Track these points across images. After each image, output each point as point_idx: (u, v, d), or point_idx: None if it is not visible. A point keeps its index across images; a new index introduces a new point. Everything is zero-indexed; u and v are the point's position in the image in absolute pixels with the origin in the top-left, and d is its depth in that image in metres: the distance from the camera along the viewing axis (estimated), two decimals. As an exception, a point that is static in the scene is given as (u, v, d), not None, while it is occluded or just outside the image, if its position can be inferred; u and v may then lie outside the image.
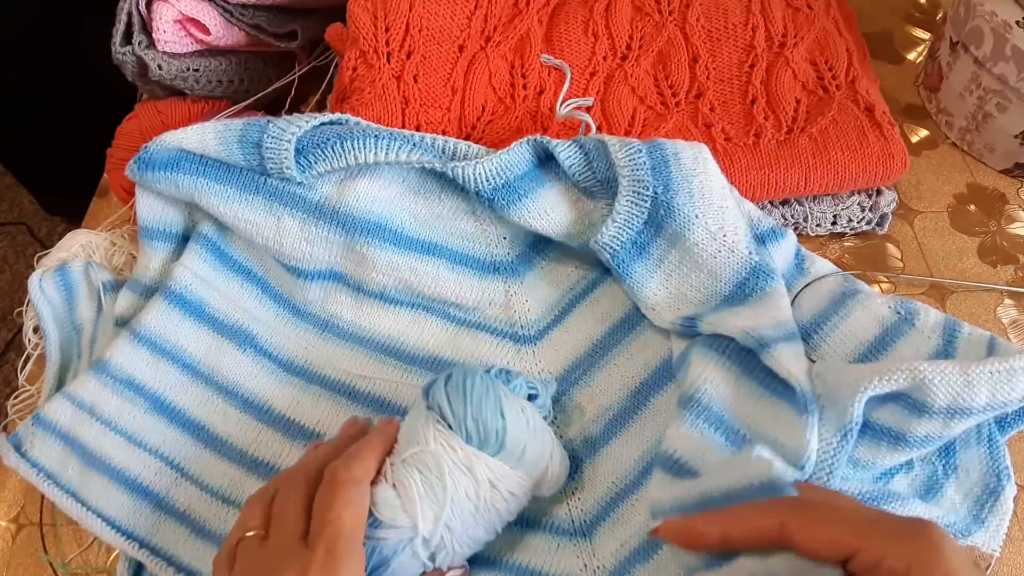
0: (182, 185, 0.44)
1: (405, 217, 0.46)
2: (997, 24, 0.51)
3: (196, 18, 0.52)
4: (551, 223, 0.44)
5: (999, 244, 0.53)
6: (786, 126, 0.52)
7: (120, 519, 0.40)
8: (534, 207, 0.43)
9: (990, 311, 0.50)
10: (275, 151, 0.42)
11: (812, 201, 0.52)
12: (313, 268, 0.46)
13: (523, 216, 0.43)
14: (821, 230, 0.53)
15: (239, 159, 0.43)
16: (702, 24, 0.55)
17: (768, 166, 0.50)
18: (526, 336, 0.46)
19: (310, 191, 0.44)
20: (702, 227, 0.41)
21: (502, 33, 0.54)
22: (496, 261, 0.47)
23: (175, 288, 0.45)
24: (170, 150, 0.44)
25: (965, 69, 0.55)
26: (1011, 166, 0.56)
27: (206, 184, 0.44)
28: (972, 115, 0.56)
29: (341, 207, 0.44)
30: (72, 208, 0.86)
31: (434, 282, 0.46)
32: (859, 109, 0.52)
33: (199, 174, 0.44)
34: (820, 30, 0.55)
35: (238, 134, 0.43)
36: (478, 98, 0.52)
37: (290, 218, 0.44)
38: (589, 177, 0.43)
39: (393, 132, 0.43)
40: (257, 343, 0.46)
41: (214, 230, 0.47)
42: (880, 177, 0.51)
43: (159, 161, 0.44)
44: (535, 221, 0.43)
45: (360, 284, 0.46)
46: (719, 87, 0.54)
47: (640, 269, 0.43)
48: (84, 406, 0.42)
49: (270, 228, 0.44)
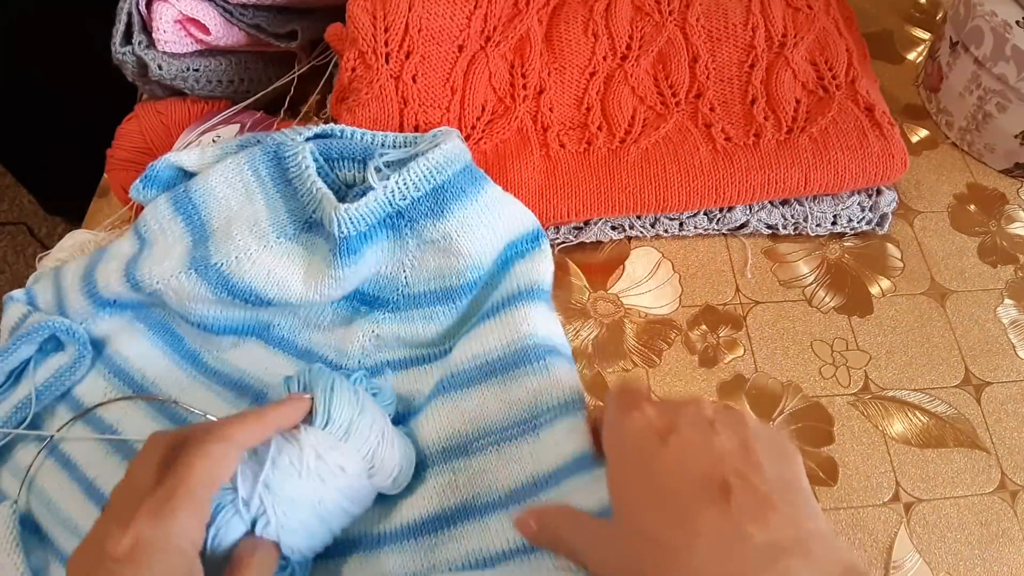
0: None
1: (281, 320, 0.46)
2: (997, 24, 0.51)
3: (196, 18, 0.52)
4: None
5: (999, 244, 0.53)
6: (786, 126, 0.52)
7: None
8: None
9: (990, 311, 0.50)
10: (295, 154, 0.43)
11: (812, 201, 0.52)
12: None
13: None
14: (821, 230, 0.53)
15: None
16: (702, 24, 0.55)
17: (768, 166, 0.50)
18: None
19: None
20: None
21: (502, 33, 0.54)
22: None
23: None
24: (172, 168, 0.44)
25: (965, 69, 0.55)
26: (1011, 166, 0.56)
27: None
28: (972, 115, 0.56)
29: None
30: (72, 208, 0.86)
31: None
32: (859, 109, 0.52)
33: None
34: (820, 30, 0.55)
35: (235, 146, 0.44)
36: (478, 98, 0.52)
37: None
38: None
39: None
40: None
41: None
42: (880, 177, 0.51)
43: (163, 179, 0.44)
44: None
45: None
46: (719, 87, 0.54)
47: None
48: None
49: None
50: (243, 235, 0.43)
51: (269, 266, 0.42)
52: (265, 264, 0.42)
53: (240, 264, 0.42)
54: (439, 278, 0.44)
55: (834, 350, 0.48)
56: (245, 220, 0.43)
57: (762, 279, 0.51)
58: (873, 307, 0.50)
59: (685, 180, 0.50)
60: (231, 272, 0.42)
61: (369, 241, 0.42)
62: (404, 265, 0.44)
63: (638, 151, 0.51)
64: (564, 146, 0.52)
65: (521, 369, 0.41)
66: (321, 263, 0.42)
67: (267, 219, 0.43)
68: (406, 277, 0.45)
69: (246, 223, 0.43)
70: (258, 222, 0.43)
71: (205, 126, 0.53)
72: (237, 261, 0.42)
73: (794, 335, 0.49)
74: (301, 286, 0.42)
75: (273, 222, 0.43)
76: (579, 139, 0.52)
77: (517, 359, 0.41)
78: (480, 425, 0.41)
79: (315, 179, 0.42)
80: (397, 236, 0.43)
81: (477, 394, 0.42)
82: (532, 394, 0.40)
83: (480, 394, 0.41)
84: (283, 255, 0.43)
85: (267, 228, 0.43)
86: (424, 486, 0.40)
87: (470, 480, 0.40)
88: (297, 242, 0.43)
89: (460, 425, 0.41)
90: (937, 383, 0.47)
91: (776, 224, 0.52)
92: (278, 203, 0.44)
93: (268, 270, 0.42)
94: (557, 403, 0.40)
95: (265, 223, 0.43)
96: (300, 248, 0.43)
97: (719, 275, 0.51)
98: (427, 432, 0.41)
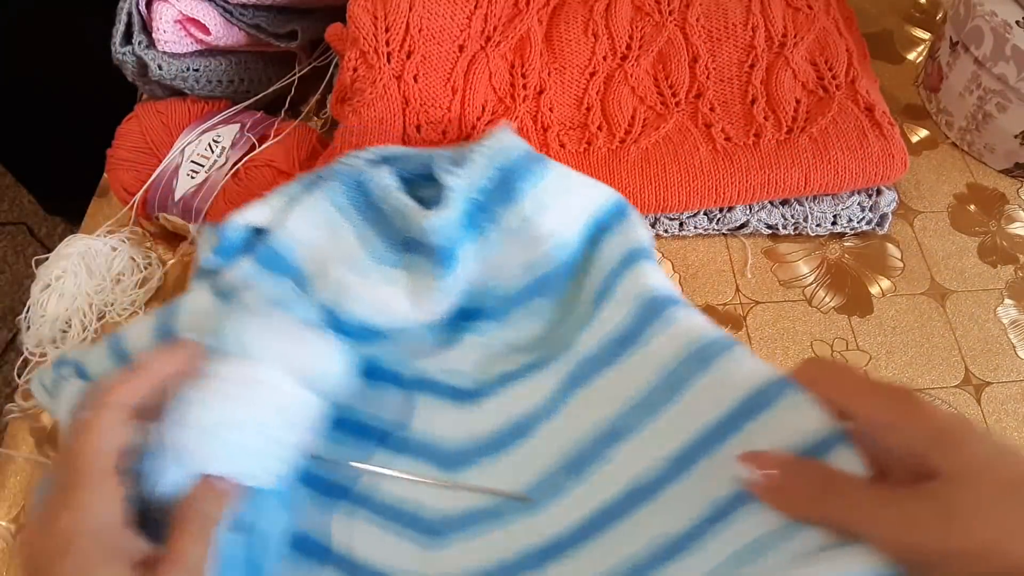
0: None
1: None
2: (997, 24, 0.51)
3: (196, 18, 0.52)
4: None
5: (999, 244, 0.53)
6: (786, 126, 0.52)
7: None
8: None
9: (990, 311, 0.50)
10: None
11: (812, 201, 0.52)
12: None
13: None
14: (821, 230, 0.53)
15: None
16: (702, 24, 0.55)
17: (768, 166, 0.50)
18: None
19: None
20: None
21: (502, 33, 0.54)
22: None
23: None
24: (242, 230, 0.43)
25: (965, 69, 0.55)
26: (1011, 166, 0.56)
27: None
28: (972, 115, 0.56)
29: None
30: (72, 208, 0.86)
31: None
32: (859, 109, 0.52)
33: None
34: (820, 30, 0.55)
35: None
36: (478, 98, 0.52)
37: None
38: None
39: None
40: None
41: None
42: (880, 177, 0.51)
43: (237, 244, 0.43)
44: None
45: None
46: (719, 87, 0.54)
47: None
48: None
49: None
50: (340, 271, 0.41)
51: (373, 295, 0.41)
52: (368, 294, 0.41)
53: (344, 300, 0.41)
54: (529, 270, 0.42)
55: (834, 350, 0.48)
56: (339, 256, 0.42)
57: (762, 279, 0.51)
58: (873, 307, 0.50)
59: (685, 180, 0.50)
60: (338, 310, 0.41)
61: (460, 244, 0.41)
62: (493, 266, 0.43)
63: (638, 151, 0.51)
64: (564, 146, 0.52)
65: (653, 327, 0.38)
66: (422, 279, 0.41)
67: (360, 249, 0.42)
68: (498, 280, 0.43)
69: (340, 259, 0.42)
70: (352, 254, 0.42)
71: (205, 126, 0.53)
72: (340, 297, 0.41)
73: (794, 335, 0.49)
74: (408, 306, 0.41)
75: (367, 251, 0.42)
76: (579, 139, 0.53)
77: (645, 320, 0.38)
78: (631, 401, 0.37)
79: (400, 196, 0.41)
80: (481, 233, 0.42)
81: (616, 372, 0.38)
82: (675, 349, 0.36)
83: (620, 370, 0.38)
84: (383, 281, 0.41)
85: (362, 258, 0.42)
86: (582, 485, 0.37)
87: (627, 462, 0.36)
88: (394, 265, 0.42)
89: (608, 410, 0.38)
90: (937, 383, 0.47)
91: (776, 224, 0.52)
92: (367, 231, 0.42)
93: (372, 299, 0.41)
94: (699, 346, 0.36)
95: (359, 254, 0.42)
96: (398, 270, 0.42)
97: (719, 275, 0.51)
98: (571, 430, 0.39)
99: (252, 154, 0.51)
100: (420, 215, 0.40)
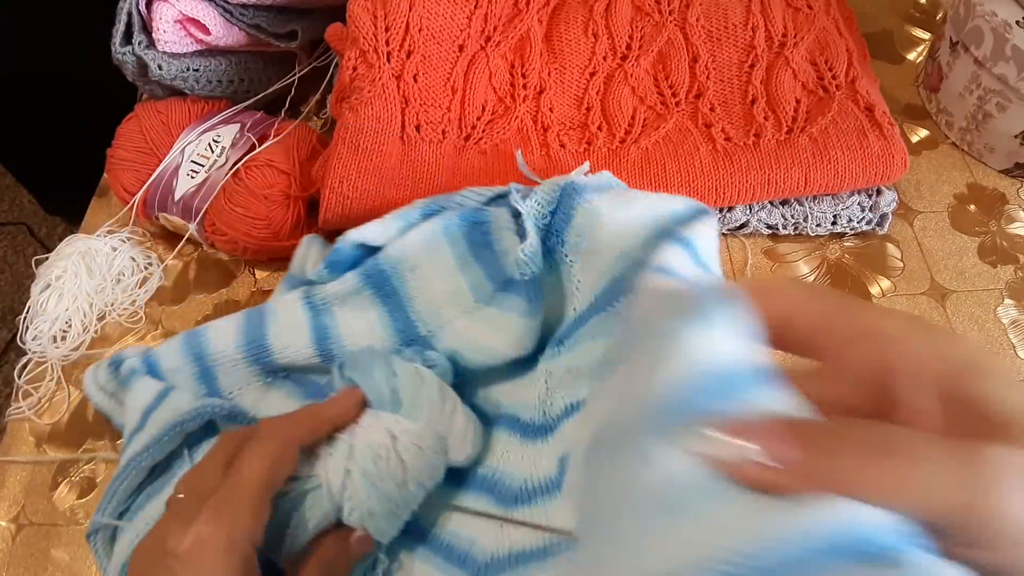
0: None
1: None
2: (997, 24, 0.51)
3: (196, 18, 0.52)
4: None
5: (999, 244, 0.53)
6: (786, 126, 0.52)
7: None
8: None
9: (990, 311, 0.50)
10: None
11: (812, 201, 0.52)
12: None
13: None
14: (821, 230, 0.53)
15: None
16: (702, 24, 0.55)
17: (768, 166, 0.50)
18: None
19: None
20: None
21: (502, 33, 0.54)
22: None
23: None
24: (355, 246, 0.43)
25: (965, 69, 0.55)
26: (1011, 166, 0.56)
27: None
28: (972, 115, 0.56)
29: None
30: (72, 208, 0.86)
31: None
32: (859, 109, 0.52)
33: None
34: (820, 30, 0.55)
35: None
36: (478, 98, 0.52)
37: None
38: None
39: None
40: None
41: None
42: (880, 177, 0.51)
43: (349, 259, 0.43)
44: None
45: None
46: (719, 87, 0.54)
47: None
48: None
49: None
50: (444, 304, 0.41)
51: (473, 332, 0.41)
52: (468, 331, 0.41)
53: (443, 334, 0.41)
54: (593, 290, 0.40)
55: (834, 350, 0.48)
56: (444, 289, 0.42)
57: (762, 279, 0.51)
58: (873, 307, 0.50)
59: (685, 180, 0.50)
60: (436, 342, 0.41)
61: (547, 274, 0.41)
62: (567, 293, 0.41)
63: (638, 151, 0.51)
64: (564, 146, 0.52)
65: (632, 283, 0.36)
66: (519, 317, 0.40)
67: (466, 285, 0.42)
68: (568, 306, 0.42)
69: (445, 292, 0.42)
70: (458, 290, 0.42)
71: (205, 126, 0.53)
72: (440, 331, 0.41)
73: (794, 335, 0.49)
74: (504, 346, 0.41)
75: (473, 287, 0.42)
76: (579, 139, 0.53)
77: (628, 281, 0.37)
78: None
79: (512, 237, 0.40)
80: (556, 260, 0.41)
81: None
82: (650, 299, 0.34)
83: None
84: (483, 320, 0.41)
85: (467, 295, 0.42)
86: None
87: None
88: (495, 304, 0.42)
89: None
90: (937, 383, 0.47)
91: (776, 224, 0.52)
92: (475, 269, 0.42)
93: (472, 336, 0.41)
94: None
95: (465, 290, 0.42)
96: (497, 310, 0.41)
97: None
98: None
99: (252, 154, 0.51)
100: (517, 249, 0.39)
